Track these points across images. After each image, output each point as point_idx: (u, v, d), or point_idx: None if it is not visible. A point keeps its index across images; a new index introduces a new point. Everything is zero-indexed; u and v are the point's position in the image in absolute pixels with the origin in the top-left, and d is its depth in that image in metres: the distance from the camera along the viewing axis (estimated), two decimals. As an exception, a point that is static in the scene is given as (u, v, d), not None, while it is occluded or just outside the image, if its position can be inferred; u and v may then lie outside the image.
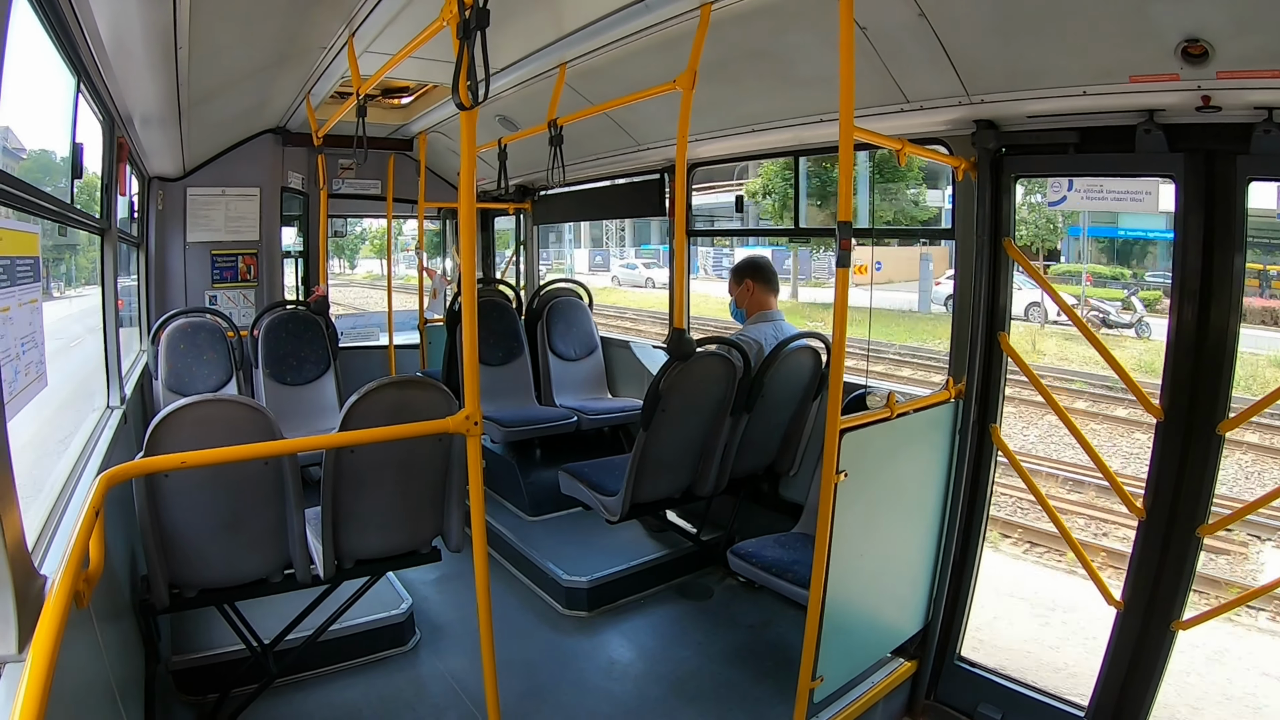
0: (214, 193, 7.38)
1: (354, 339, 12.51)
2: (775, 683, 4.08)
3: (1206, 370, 3.23)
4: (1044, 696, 3.85)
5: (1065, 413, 3.86)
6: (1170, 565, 3.37)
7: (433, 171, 8.42)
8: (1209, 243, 3.18)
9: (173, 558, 3.23)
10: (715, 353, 4.36)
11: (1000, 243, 3.82)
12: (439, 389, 3.48)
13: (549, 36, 4.70)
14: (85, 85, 3.86)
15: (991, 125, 3.71)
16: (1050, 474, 11.10)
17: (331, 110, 6.17)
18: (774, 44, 4.14)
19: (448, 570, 5.19)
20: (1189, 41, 2.80)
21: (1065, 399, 14.90)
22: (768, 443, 4.92)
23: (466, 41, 2.71)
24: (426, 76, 6.15)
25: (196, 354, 6.22)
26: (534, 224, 8.52)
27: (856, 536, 3.52)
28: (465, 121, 2.86)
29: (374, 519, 3.57)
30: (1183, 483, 3.31)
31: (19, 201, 2.61)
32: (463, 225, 2.95)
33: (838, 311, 3.02)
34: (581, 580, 4.90)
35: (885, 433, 3.58)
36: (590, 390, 7.10)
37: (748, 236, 33.80)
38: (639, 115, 5.49)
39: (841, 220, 2.95)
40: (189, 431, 3.04)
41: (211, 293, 7.47)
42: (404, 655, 4.37)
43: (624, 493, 4.38)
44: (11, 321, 2.15)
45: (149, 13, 3.31)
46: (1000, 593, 6.86)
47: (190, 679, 3.90)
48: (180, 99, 4.74)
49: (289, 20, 4.28)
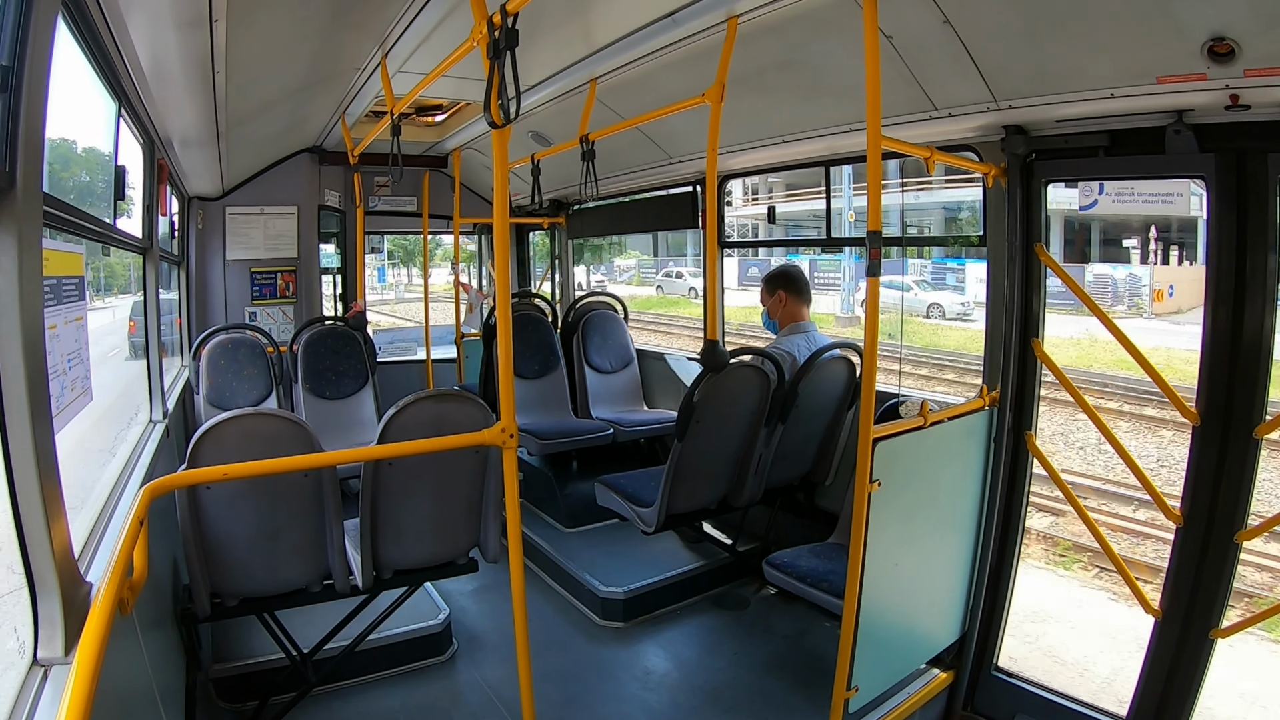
0: (253, 211, 7.54)
1: (391, 354, 12.65)
2: (811, 693, 4.06)
3: (1242, 373, 3.18)
4: (1081, 707, 3.79)
5: (1101, 420, 3.81)
6: (1208, 572, 3.31)
7: (467, 187, 8.52)
8: (1242, 243, 3.13)
9: (214, 567, 3.30)
10: (749, 364, 4.37)
11: (1032, 248, 3.80)
12: (475, 402, 3.52)
13: (579, 53, 4.75)
14: (126, 110, 3.97)
15: (1020, 130, 3.69)
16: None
17: (366, 129, 6.27)
18: (802, 54, 4.15)
19: (485, 581, 5.24)
20: (1215, 40, 2.77)
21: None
22: (803, 453, 4.91)
23: (497, 61, 2.77)
24: (459, 94, 6.24)
25: (237, 369, 6.34)
26: (568, 238, 8.57)
27: (891, 546, 3.51)
28: (497, 139, 2.91)
29: (412, 530, 3.61)
30: (1220, 488, 3.26)
31: (65, 224, 2.70)
32: (497, 240, 3.00)
33: (869, 321, 3.02)
34: (618, 591, 4.91)
35: (919, 441, 3.57)
36: (626, 402, 7.12)
37: (781, 247, 33.70)
38: (670, 128, 5.52)
39: (871, 230, 2.95)
40: (230, 444, 3.11)
41: (251, 309, 7.62)
42: (441, 665, 4.40)
43: (659, 504, 4.38)
44: (59, 339, 2.22)
45: (187, 39, 3.40)
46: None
47: (230, 687, 3.96)
48: (218, 121, 4.84)
49: (323, 43, 4.38)
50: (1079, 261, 28.40)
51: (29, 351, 1.83)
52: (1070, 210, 24.93)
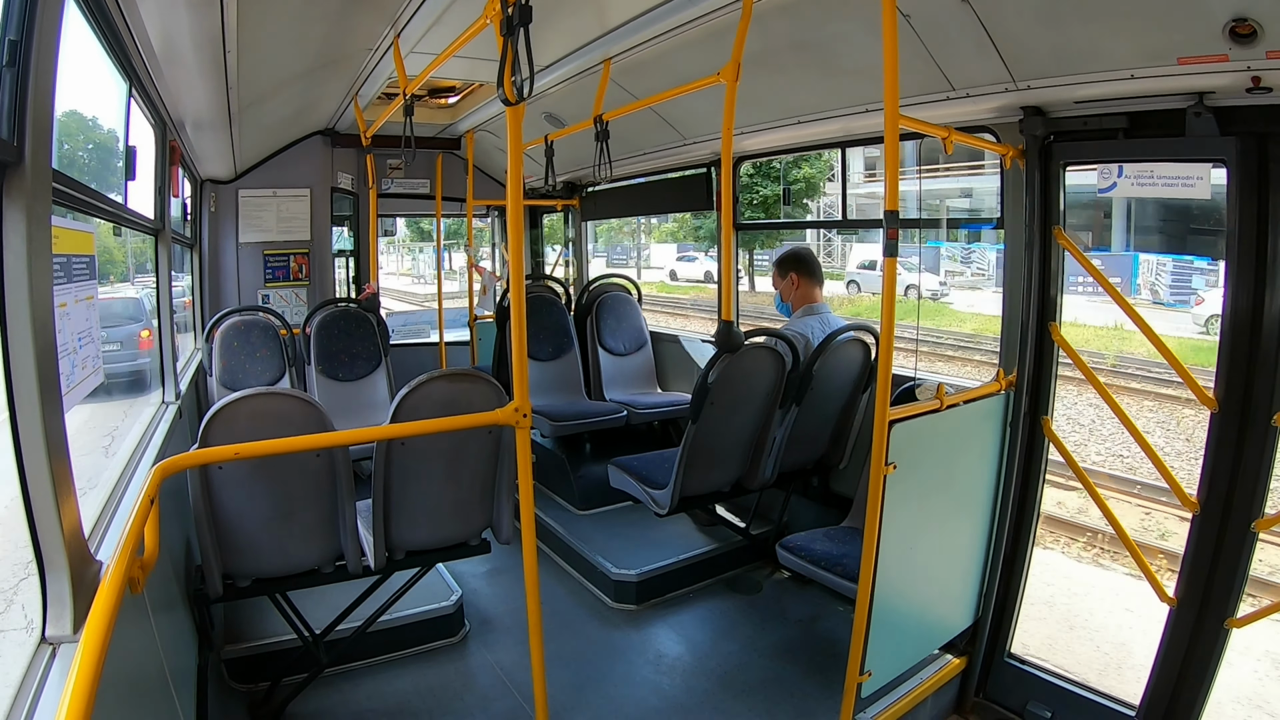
0: (265, 194, 7.54)
1: (405, 336, 12.67)
2: (824, 677, 4.06)
3: (1262, 360, 3.13)
4: (1094, 695, 3.77)
5: (1119, 405, 3.77)
6: (1224, 560, 3.28)
7: (481, 169, 8.50)
8: (1263, 229, 3.08)
9: (226, 548, 3.31)
10: (763, 345, 4.34)
11: (1050, 231, 3.75)
12: (489, 382, 3.51)
13: (593, 32, 4.71)
14: (137, 90, 3.96)
15: (1039, 111, 3.65)
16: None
17: (379, 111, 6.25)
18: (818, 34, 4.10)
19: (497, 563, 5.25)
20: (1237, 21, 2.72)
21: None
22: (817, 436, 4.88)
23: (510, 38, 2.74)
24: (472, 75, 6.20)
25: (250, 351, 6.36)
26: (582, 220, 8.56)
27: (906, 529, 3.49)
28: (511, 117, 2.89)
29: (424, 511, 3.61)
30: (1238, 475, 3.22)
31: (76, 203, 2.69)
32: (511, 222, 2.98)
33: (886, 302, 2.99)
34: (630, 573, 4.92)
35: (935, 424, 3.54)
36: (640, 385, 7.12)
37: (796, 230, 33.49)
38: (684, 109, 5.49)
39: (888, 210, 2.93)
40: (243, 424, 3.11)
41: (264, 291, 7.63)
42: (453, 646, 4.42)
43: (673, 486, 4.38)
44: (69, 317, 2.21)
45: (198, 19, 3.38)
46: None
47: (242, 667, 3.99)
48: (230, 103, 4.83)
49: (335, 24, 4.35)
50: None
51: (38, 329, 1.82)
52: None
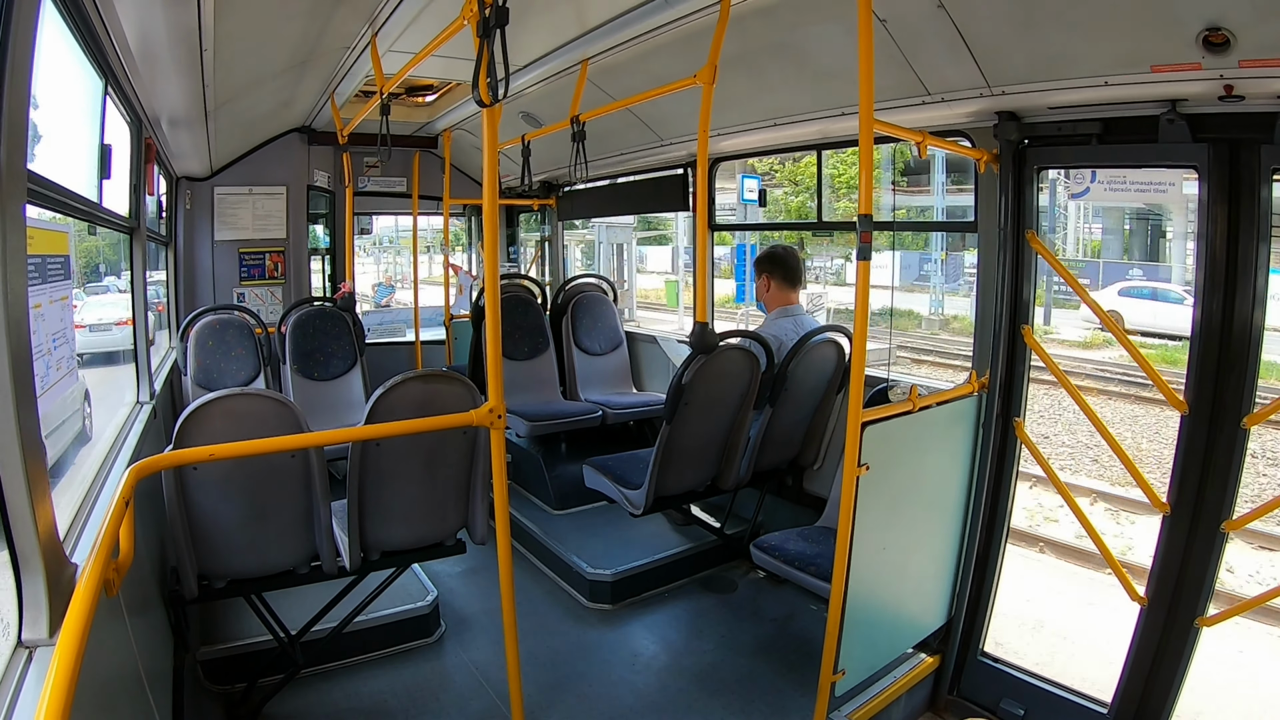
0: (241, 192, 7.49)
1: (380, 335, 12.60)
2: (798, 676, 4.08)
3: (1231, 364, 3.19)
4: (1067, 693, 3.82)
5: (1089, 407, 3.82)
6: (1194, 561, 3.33)
7: (458, 169, 8.47)
8: (1233, 234, 3.14)
9: (201, 549, 3.28)
10: (738, 346, 4.36)
11: (1023, 235, 3.80)
12: (464, 382, 3.51)
13: (571, 33, 4.72)
14: (112, 87, 3.92)
15: (1014, 117, 3.69)
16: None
17: (356, 109, 6.22)
18: (795, 37, 4.14)
19: (473, 563, 5.24)
20: (1210, 30, 2.76)
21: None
22: (792, 436, 4.91)
23: (486, 39, 2.75)
24: (449, 74, 6.19)
25: (225, 350, 6.30)
26: (558, 220, 8.56)
27: (878, 530, 3.52)
28: (487, 119, 2.89)
29: (399, 511, 3.61)
30: (1207, 477, 3.28)
31: (50, 201, 2.66)
32: (487, 222, 2.98)
33: (859, 306, 3.02)
34: (606, 573, 4.92)
35: (907, 426, 3.58)
36: (615, 385, 7.13)
37: (771, 231, 33.57)
38: (661, 110, 5.50)
39: (862, 213, 2.96)
40: (217, 424, 3.09)
41: (240, 290, 7.58)
42: (429, 646, 4.41)
43: (648, 486, 4.39)
44: (43, 318, 2.19)
45: (174, 16, 3.35)
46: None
47: (218, 669, 3.96)
48: (206, 100, 4.79)
49: (312, 21, 4.33)
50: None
51: (12, 329, 1.80)
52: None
